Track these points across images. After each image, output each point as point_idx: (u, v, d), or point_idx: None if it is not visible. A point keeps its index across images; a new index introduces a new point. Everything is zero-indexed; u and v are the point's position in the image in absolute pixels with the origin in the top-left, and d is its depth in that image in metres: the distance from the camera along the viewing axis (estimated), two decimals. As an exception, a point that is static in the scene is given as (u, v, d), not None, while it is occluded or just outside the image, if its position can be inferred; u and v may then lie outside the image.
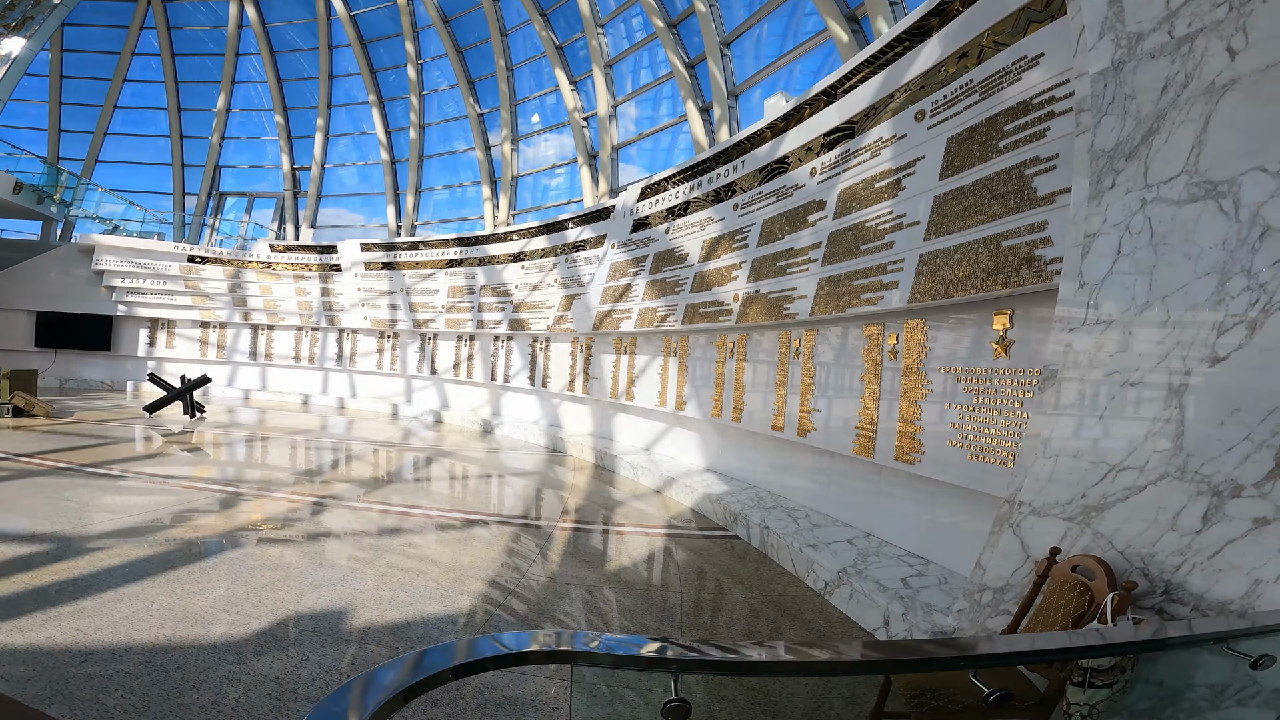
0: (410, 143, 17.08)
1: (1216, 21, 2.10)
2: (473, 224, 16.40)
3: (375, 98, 17.71)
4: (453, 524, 5.56)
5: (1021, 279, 3.33)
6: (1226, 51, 2.08)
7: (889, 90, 4.94)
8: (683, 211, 8.38)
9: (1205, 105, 2.14)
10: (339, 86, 18.61)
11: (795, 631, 3.61)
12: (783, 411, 6.23)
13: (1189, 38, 2.23)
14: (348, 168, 19.00)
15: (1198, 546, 2.02)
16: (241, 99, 19.85)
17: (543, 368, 11.37)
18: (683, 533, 5.79)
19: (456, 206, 17.06)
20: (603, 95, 12.24)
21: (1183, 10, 2.25)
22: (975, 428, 3.99)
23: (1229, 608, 1.89)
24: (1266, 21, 1.98)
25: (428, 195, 17.31)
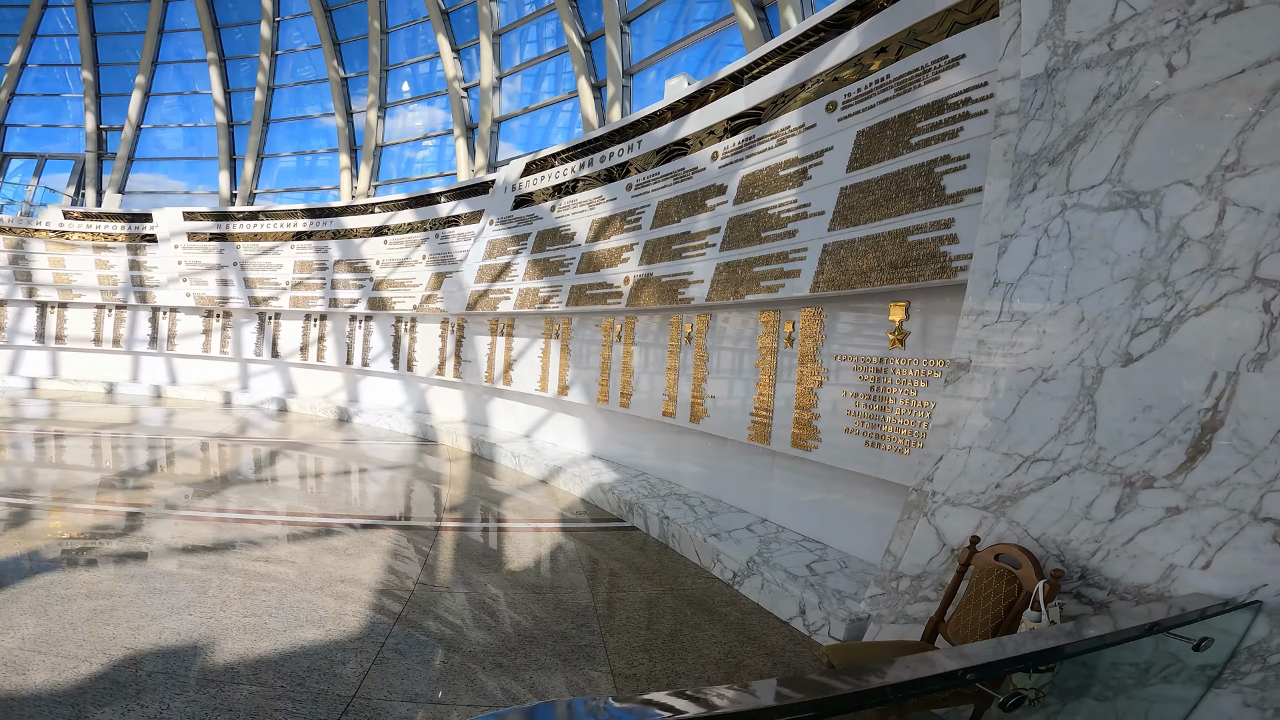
0: (255, 105, 15.25)
1: (1160, 38, 2.28)
2: (324, 195, 14.97)
3: (216, 55, 15.70)
4: (318, 529, 4.98)
5: (927, 273, 3.52)
6: (1166, 67, 2.26)
7: (801, 79, 5.00)
8: (571, 190, 8.11)
9: (1136, 117, 2.31)
10: (170, 43, 16.34)
11: (714, 628, 3.61)
12: (674, 397, 6.24)
13: (1129, 51, 2.40)
14: (171, 129, 16.65)
15: (1112, 534, 2.21)
16: (43, 54, 16.89)
17: (408, 350, 10.62)
18: (578, 526, 5.63)
19: (305, 176, 15.50)
20: (488, 65, 11.53)
21: (1127, 24, 2.41)
22: (872, 416, 4.20)
23: (1145, 591, 2.09)
24: (1211, 41, 2.16)
25: (271, 163, 15.56)
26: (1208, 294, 2.05)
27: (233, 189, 15.53)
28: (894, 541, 3.35)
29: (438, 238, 10.38)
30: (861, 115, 4.33)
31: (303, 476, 6.94)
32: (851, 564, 4.30)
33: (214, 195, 15.82)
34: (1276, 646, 1.76)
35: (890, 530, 4.17)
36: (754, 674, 3.07)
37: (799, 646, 3.45)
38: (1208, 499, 1.98)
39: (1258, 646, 1.79)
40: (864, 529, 4.46)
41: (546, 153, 8.63)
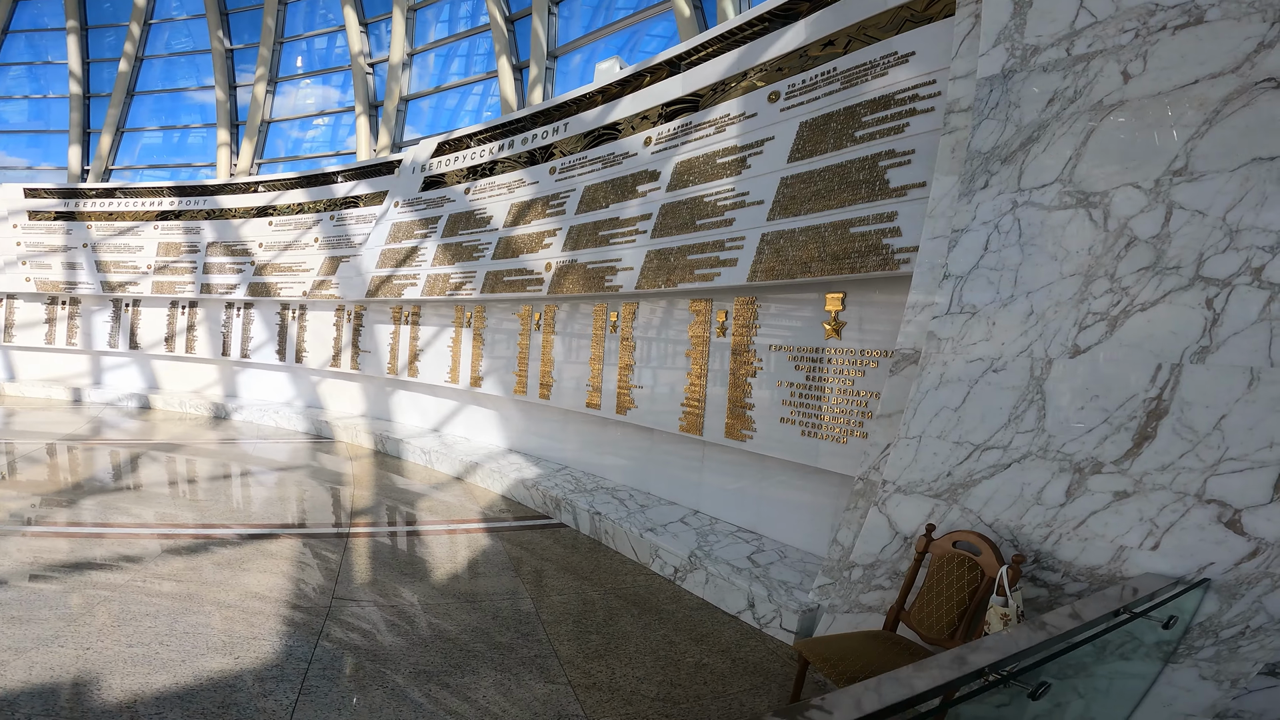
0: (119, 76, 13.64)
1: (1119, 46, 2.41)
2: (196, 173, 13.66)
3: (77, 23, 13.86)
4: (203, 541, 4.46)
5: (869, 265, 3.62)
6: (1122, 74, 2.39)
7: (743, 68, 4.99)
8: (488, 172, 7.76)
9: (1090, 121, 2.44)
10: (25, 10, 14.37)
11: (663, 628, 3.55)
12: (599, 388, 6.14)
13: (1087, 57, 2.52)
14: (16, 101, 14.74)
15: (1063, 519, 2.35)
16: None
17: (296, 340, 9.83)
18: (503, 525, 5.41)
19: (173, 152, 14.10)
20: (399, 41, 10.83)
21: (1086, 31, 2.54)
22: (808, 406, 4.29)
23: (1097, 573, 2.24)
24: (1168, 52, 2.31)
25: (132, 138, 13.99)
26: (1153, 291, 2.21)
27: (85, 165, 13.85)
28: (840, 531, 3.43)
29: (333, 220, 9.66)
30: (805, 106, 4.38)
31: (177, 482, 6.23)
32: (790, 553, 4.38)
33: (62, 171, 14.06)
34: (1227, 622, 1.94)
35: (827, 519, 4.31)
36: (717, 674, 3.04)
37: (753, 641, 3.46)
38: (1154, 483, 2.15)
39: (1208, 623, 1.96)
40: (799, 518, 4.57)
41: (462, 132, 8.21)
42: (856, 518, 3.32)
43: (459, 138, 8.29)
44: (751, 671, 3.10)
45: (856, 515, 3.32)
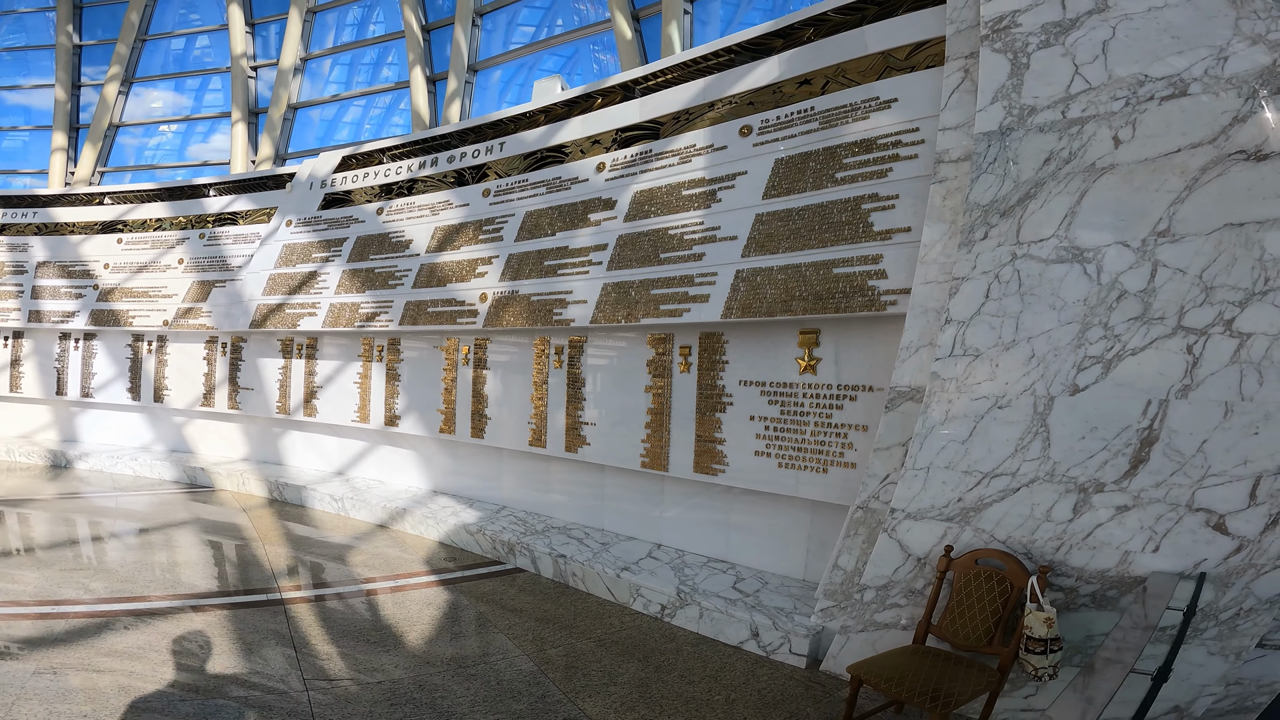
0: None
1: (1110, 112, 2.94)
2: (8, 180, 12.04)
3: None
4: (93, 621, 3.92)
5: (855, 305, 4.05)
6: (1113, 139, 2.92)
7: (710, 99, 5.28)
8: (406, 191, 7.56)
9: (1084, 182, 2.97)
10: None
11: (675, 670, 3.64)
12: (543, 426, 6.17)
13: (1080, 121, 3.02)
14: None
15: (1072, 532, 2.84)
16: None
17: (155, 376, 8.91)
18: (455, 577, 5.25)
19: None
20: (293, 44, 10.20)
21: (1081, 96, 3.03)
22: (783, 439, 4.65)
23: (1107, 575, 2.74)
24: (1154, 121, 2.82)
25: None
26: (1141, 338, 2.76)
27: None
28: (841, 556, 3.80)
29: (204, 238, 8.91)
30: (781, 143, 4.75)
31: (33, 547, 5.46)
32: (770, 580, 4.68)
33: None
34: (1224, 606, 2.47)
35: (801, 544, 4.69)
36: (752, 708, 3.24)
37: (765, 670, 3.67)
38: (1150, 497, 2.67)
39: (1209, 608, 2.49)
40: (771, 545, 4.88)
41: (372, 146, 7.94)
42: (859, 543, 3.70)
43: (369, 152, 8.02)
44: (781, 701, 3.34)
45: (859, 541, 3.70)
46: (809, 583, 4.66)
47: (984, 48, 3.44)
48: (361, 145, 8.11)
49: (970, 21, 3.79)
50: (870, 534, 3.65)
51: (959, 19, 3.86)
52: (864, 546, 3.66)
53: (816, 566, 4.70)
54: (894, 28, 4.38)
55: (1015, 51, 3.34)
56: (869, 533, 3.66)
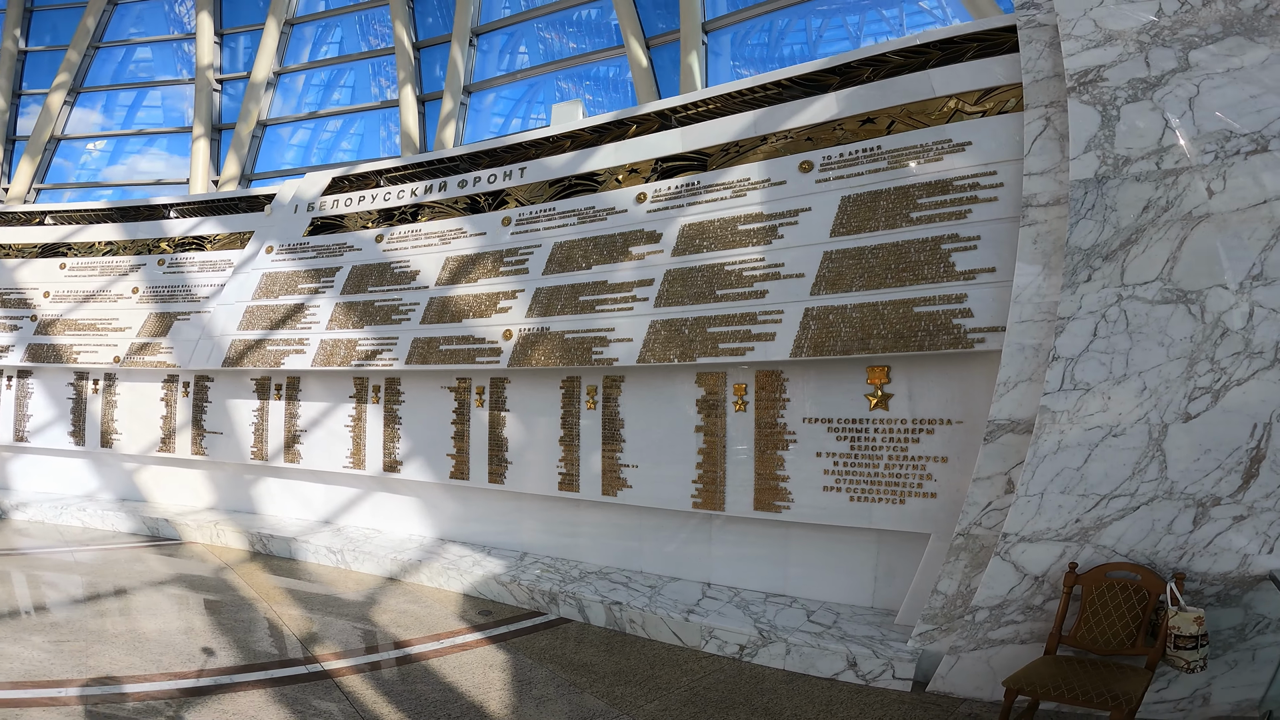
0: None
1: (1201, 165, 3.46)
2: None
3: None
4: (145, 703, 3.78)
5: (940, 343, 4.52)
6: (1206, 190, 3.45)
7: (762, 132, 5.70)
8: (411, 217, 7.65)
9: (1182, 229, 3.50)
10: None
11: (790, 714, 3.92)
12: (576, 469, 6.27)
13: (1174, 172, 3.56)
14: None
15: (1193, 541, 3.34)
16: None
17: (102, 418, 8.53)
18: (503, 632, 5.20)
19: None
20: (267, 57, 10.12)
21: (1172, 149, 3.57)
22: (855, 473, 5.04)
23: (1229, 576, 3.26)
24: (1241, 174, 3.36)
25: None
26: (1244, 370, 3.31)
27: None
28: (942, 581, 4.18)
29: (163, 265, 8.67)
30: (847, 181, 5.21)
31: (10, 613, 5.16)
32: (840, 611, 5.01)
33: None
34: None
35: (868, 573, 5.07)
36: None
37: (874, 697, 3.99)
38: (1262, 507, 3.20)
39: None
40: (835, 576, 5.25)
41: (368, 167, 8.01)
42: (961, 568, 4.11)
43: (364, 174, 8.07)
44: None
45: (960, 566, 4.12)
46: (879, 610, 5.04)
47: (1071, 99, 4.04)
48: (355, 165, 8.18)
49: (1047, 72, 4.43)
50: (974, 559, 4.07)
51: (1035, 69, 4.49)
52: (967, 571, 4.08)
53: (885, 594, 5.09)
54: (961, 73, 4.99)
55: (1104, 104, 3.95)
56: (972, 558, 4.08)
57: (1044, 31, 4.62)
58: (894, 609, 4.96)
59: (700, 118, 6.34)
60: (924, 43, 5.30)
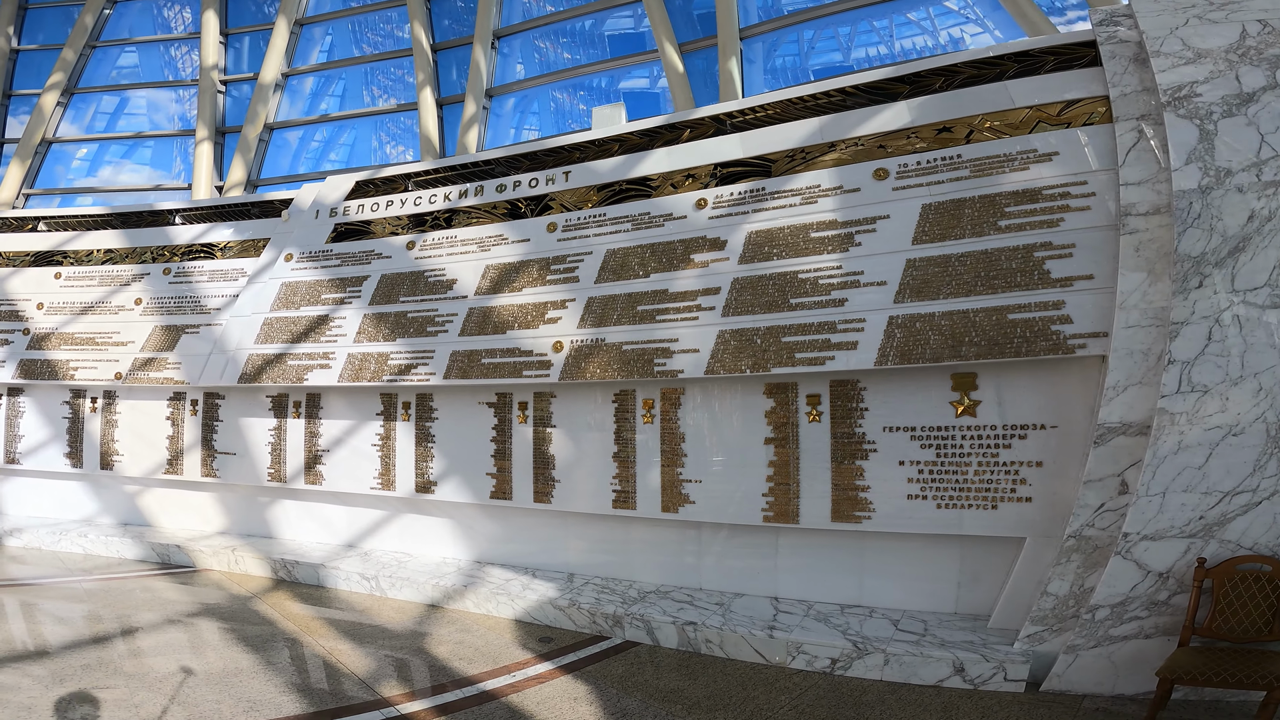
0: None
1: None
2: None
3: None
4: None
5: (1038, 349, 4.75)
6: None
7: (829, 139, 5.96)
8: (445, 223, 7.76)
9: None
10: None
11: None
12: (632, 485, 6.37)
13: (1274, 184, 3.90)
14: None
15: (1317, 529, 3.68)
16: None
17: (102, 438, 8.45)
18: (572, 660, 5.20)
19: None
20: (277, 57, 10.20)
21: (1271, 162, 3.94)
22: (943, 481, 5.24)
23: None
24: None
25: None
26: (1357, 368, 3.71)
27: None
28: (1052, 583, 4.44)
29: (169, 274, 8.64)
30: (926, 189, 5.49)
31: (23, 652, 4.98)
32: (926, 618, 5.25)
33: None
34: None
35: (951, 579, 5.39)
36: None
37: (990, 700, 4.25)
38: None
39: None
40: (915, 584, 5.51)
41: (394, 170, 8.10)
42: (1073, 569, 4.38)
43: (390, 177, 8.15)
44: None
45: (1073, 567, 4.38)
46: (963, 615, 5.32)
47: (1168, 113, 4.38)
48: (381, 169, 8.26)
49: (1135, 87, 4.79)
50: (1087, 559, 4.35)
51: (1122, 84, 4.85)
52: (1080, 571, 4.37)
53: (969, 599, 5.36)
54: (1041, 85, 5.34)
55: (1200, 119, 4.30)
56: (1085, 558, 4.36)
57: (1127, 48, 5.01)
58: (979, 614, 5.25)
59: (757, 123, 6.59)
60: (998, 54, 5.67)
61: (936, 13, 10.00)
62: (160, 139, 11.67)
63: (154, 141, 11.69)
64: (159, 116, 12.03)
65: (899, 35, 10.37)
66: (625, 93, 13.48)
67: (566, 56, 13.08)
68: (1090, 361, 4.83)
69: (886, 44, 9.86)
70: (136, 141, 11.70)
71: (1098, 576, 4.22)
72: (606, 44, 13.47)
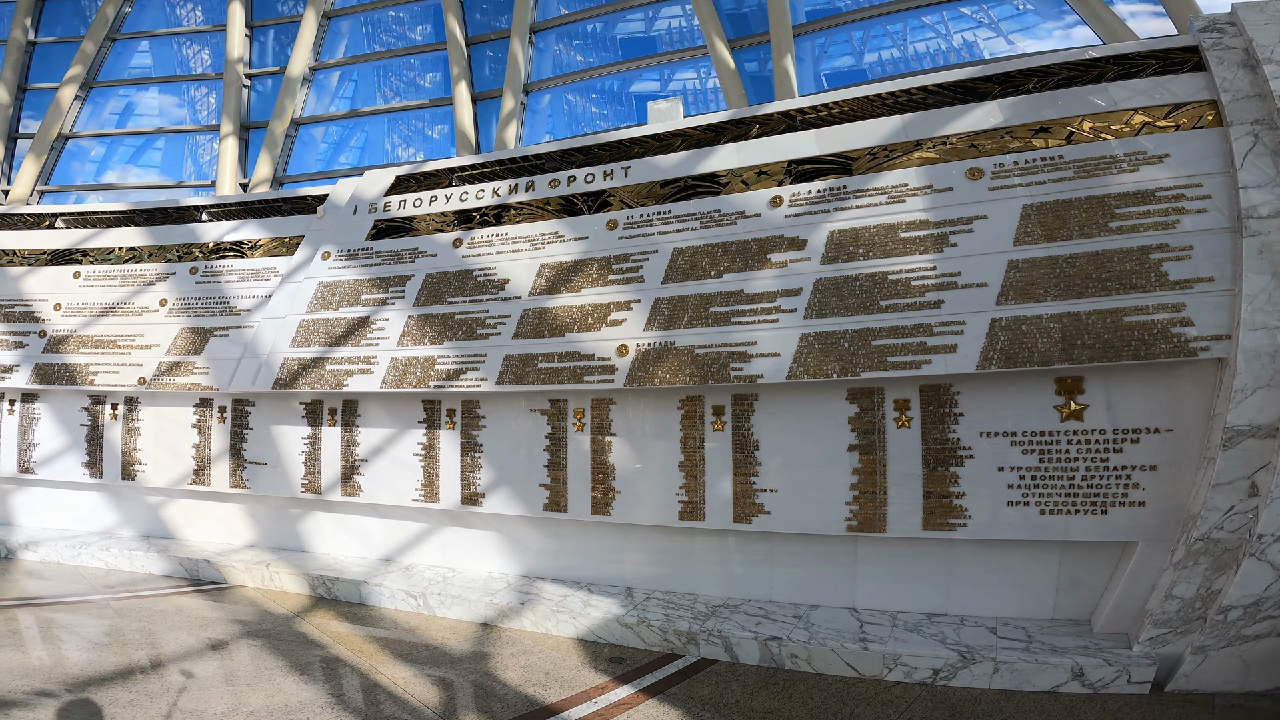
0: None
1: None
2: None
3: None
4: None
5: (1159, 352, 4.76)
6: None
7: (914, 137, 6.03)
8: (494, 219, 7.73)
9: None
10: None
11: None
12: (699, 497, 6.35)
13: None
14: None
15: None
16: None
17: (123, 447, 8.33)
18: (651, 683, 5.10)
19: None
20: (304, 50, 10.21)
21: None
22: (1047, 486, 5.25)
23: None
24: None
25: None
26: None
27: None
28: (1177, 586, 4.55)
29: (195, 273, 8.57)
30: (1025, 189, 5.57)
31: (63, 682, 4.87)
32: (1024, 625, 5.37)
33: None
34: None
35: (1049, 585, 5.53)
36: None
37: (1115, 703, 4.39)
38: None
39: None
40: (1008, 591, 5.61)
41: (436, 165, 8.08)
42: (1200, 572, 4.47)
43: (433, 172, 8.12)
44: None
45: (1200, 570, 4.48)
46: (1061, 621, 5.44)
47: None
48: (422, 164, 8.25)
49: (1246, 91, 4.97)
50: (1215, 562, 4.43)
51: (1232, 88, 5.03)
52: (1207, 574, 4.46)
53: (1068, 605, 5.48)
54: (1145, 88, 5.46)
55: (1317, 122, 4.44)
56: (1213, 561, 4.44)
57: (1234, 54, 5.19)
58: (1079, 619, 5.41)
59: (830, 120, 6.65)
60: (1096, 56, 5.80)
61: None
62: (171, 140, 11.65)
63: (164, 144, 11.66)
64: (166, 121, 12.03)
65: (913, 38, 10.59)
66: (636, 95, 13.68)
67: (579, 59, 13.25)
68: (1205, 364, 4.91)
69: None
70: (145, 145, 11.67)
71: (1226, 578, 4.36)
72: (618, 47, 13.67)
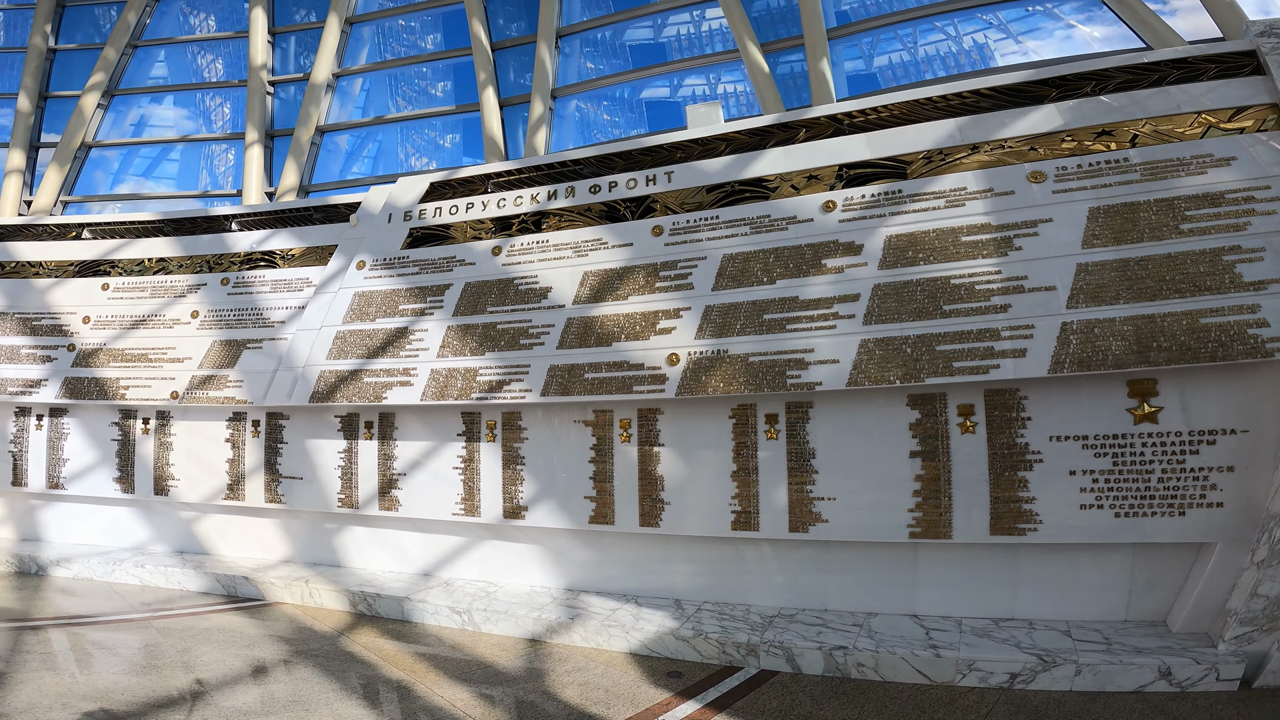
0: None
1: None
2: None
3: None
4: None
5: (1235, 353, 4.80)
6: None
7: (971, 140, 6.11)
8: (534, 226, 7.78)
9: None
10: None
11: None
12: (753, 506, 6.38)
13: None
14: None
15: None
16: None
17: (155, 462, 8.35)
18: (715, 698, 5.08)
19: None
20: (328, 57, 10.37)
21: None
22: (1121, 489, 5.30)
23: None
24: None
25: None
26: None
27: None
28: (1262, 585, 4.67)
29: (227, 284, 8.63)
30: (1091, 192, 5.67)
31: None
32: (1098, 628, 5.44)
33: None
34: None
35: (1123, 587, 5.65)
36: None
37: (1204, 700, 4.49)
38: None
39: None
40: (1079, 594, 5.67)
41: (471, 171, 8.15)
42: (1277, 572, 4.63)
43: (468, 178, 8.18)
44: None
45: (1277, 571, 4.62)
46: (1135, 623, 5.53)
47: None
48: (456, 170, 8.31)
49: (1306, 96, 5.07)
50: (1307, 560, 4.48)
51: (1294, 93, 5.14)
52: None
53: (1141, 606, 5.57)
54: (1204, 91, 5.63)
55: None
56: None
57: (1291, 58, 5.29)
58: (1153, 620, 5.50)
59: (880, 124, 6.75)
60: (1155, 60, 5.97)
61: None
62: (186, 152, 11.80)
63: (180, 156, 11.79)
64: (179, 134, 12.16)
65: (922, 40, 10.73)
66: (646, 101, 13.83)
67: (590, 66, 13.42)
68: (1277, 365, 4.98)
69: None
70: (159, 157, 11.80)
71: (1320, 575, 4.38)
72: (627, 53, 13.84)
